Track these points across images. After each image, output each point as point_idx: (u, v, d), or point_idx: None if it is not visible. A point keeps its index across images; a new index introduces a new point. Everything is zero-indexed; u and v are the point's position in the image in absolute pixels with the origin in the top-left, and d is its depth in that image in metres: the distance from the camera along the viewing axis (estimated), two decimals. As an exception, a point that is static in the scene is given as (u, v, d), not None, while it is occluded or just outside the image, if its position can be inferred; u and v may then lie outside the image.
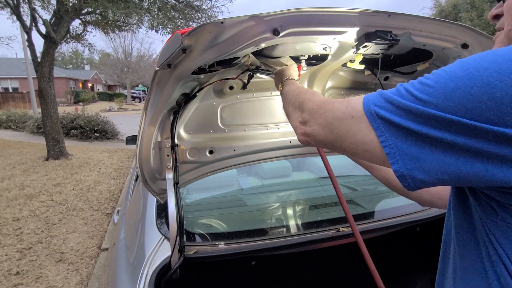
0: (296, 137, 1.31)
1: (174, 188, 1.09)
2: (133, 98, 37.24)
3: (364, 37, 0.89)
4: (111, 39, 26.98)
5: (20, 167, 5.98)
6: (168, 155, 1.12)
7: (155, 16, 6.82)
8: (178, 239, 1.03)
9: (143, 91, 41.22)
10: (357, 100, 0.50)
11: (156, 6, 6.75)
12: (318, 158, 2.07)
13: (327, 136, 0.54)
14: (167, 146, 1.11)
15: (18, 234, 3.26)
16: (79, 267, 2.70)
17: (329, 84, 1.30)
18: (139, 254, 1.15)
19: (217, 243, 1.20)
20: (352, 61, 1.10)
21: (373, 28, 0.87)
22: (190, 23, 7.47)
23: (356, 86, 1.34)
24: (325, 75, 1.24)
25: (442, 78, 0.41)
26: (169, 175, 1.12)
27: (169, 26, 7.05)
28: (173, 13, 6.99)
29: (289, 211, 1.53)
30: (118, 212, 2.10)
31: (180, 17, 7.26)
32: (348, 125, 0.50)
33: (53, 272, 2.63)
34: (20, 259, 2.79)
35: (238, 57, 1.00)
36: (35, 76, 6.24)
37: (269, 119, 1.29)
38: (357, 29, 0.87)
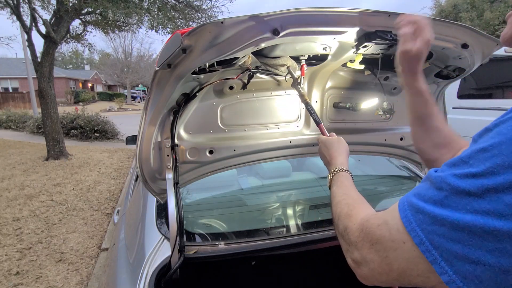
0: (296, 137, 1.32)
1: (174, 188, 1.09)
2: (133, 98, 37.25)
3: (364, 37, 0.89)
4: (111, 39, 26.98)
5: (20, 167, 5.98)
6: (168, 155, 1.11)
7: (155, 16, 6.82)
8: (178, 239, 1.03)
9: (143, 91, 41.22)
10: (396, 219, 0.45)
11: (156, 6, 6.75)
12: (318, 158, 2.06)
13: (389, 275, 0.47)
14: (167, 146, 1.10)
15: (18, 234, 3.26)
16: (79, 267, 2.70)
17: (329, 84, 1.30)
18: (139, 254, 1.15)
19: (217, 243, 1.20)
20: (352, 61, 1.10)
21: (373, 28, 0.87)
22: (190, 23, 7.46)
23: (356, 86, 1.34)
24: (325, 75, 1.24)
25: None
26: (169, 175, 1.11)
27: (169, 26, 7.05)
28: (173, 13, 6.99)
29: (289, 211, 1.53)
30: (118, 212, 2.10)
31: (180, 17, 7.27)
32: (403, 254, 0.44)
33: (53, 272, 2.63)
34: (20, 259, 2.79)
35: (238, 57, 1.00)
36: (35, 76, 6.24)
37: (269, 119, 1.29)
38: (357, 29, 0.86)
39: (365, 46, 0.92)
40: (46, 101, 6.21)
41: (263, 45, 0.84)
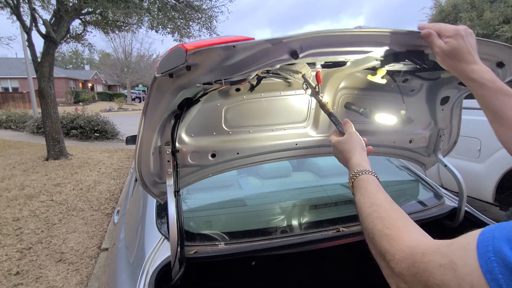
0: (302, 139, 1.29)
1: (175, 196, 1.04)
2: (133, 98, 37.26)
3: (392, 57, 0.81)
4: (111, 39, 27.04)
5: (20, 167, 5.98)
6: (168, 161, 1.06)
7: (155, 16, 6.82)
8: (178, 250, 1.00)
9: (143, 91, 41.29)
10: (472, 267, 0.33)
11: (156, 6, 6.75)
12: (318, 158, 2.07)
13: None
14: (167, 152, 1.05)
15: (18, 234, 3.26)
16: (79, 267, 2.70)
17: (342, 84, 1.23)
18: (139, 254, 1.15)
19: (217, 243, 1.20)
20: (373, 72, 1.03)
21: (403, 47, 0.79)
22: (190, 23, 7.46)
23: (371, 87, 1.27)
24: (340, 76, 1.18)
25: None
26: (170, 182, 1.06)
27: (169, 26, 7.05)
28: (173, 13, 6.99)
29: (289, 211, 1.53)
30: (118, 212, 2.10)
31: (180, 17, 7.26)
32: None
33: (53, 272, 2.63)
34: (20, 259, 2.79)
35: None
36: (35, 76, 6.24)
37: (276, 120, 1.23)
38: (385, 48, 0.80)
39: (392, 65, 0.85)
40: (46, 101, 6.21)
41: (278, 66, 0.76)
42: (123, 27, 7.68)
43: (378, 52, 0.82)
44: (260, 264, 1.49)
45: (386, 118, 1.20)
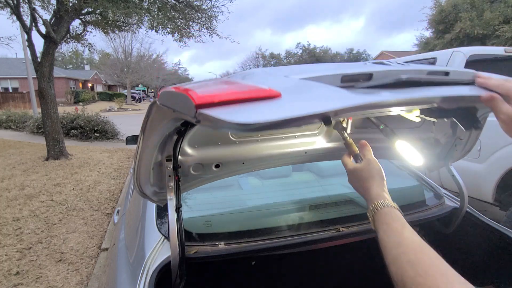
0: (312, 147, 1.24)
1: (176, 212, 0.99)
2: (133, 98, 37.28)
3: (437, 113, 0.70)
4: (111, 39, 27.01)
5: (20, 167, 5.98)
6: (169, 175, 1.00)
7: (155, 16, 6.82)
8: (181, 255, 0.99)
9: (143, 91, 41.36)
10: None
11: (156, 6, 6.76)
12: (318, 158, 2.07)
13: None
14: (168, 168, 0.99)
15: (18, 234, 3.26)
16: (79, 267, 2.70)
17: None
18: (139, 254, 1.15)
19: (217, 243, 1.19)
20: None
21: (453, 104, 0.68)
22: (190, 23, 7.46)
23: None
24: None
25: None
26: (171, 196, 1.01)
27: (169, 26, 7.05)
28: (173, 13, 6.99)
29: (289, 211, 1.53)
30: (118, 212, 2.10)
31: (180, 17, 7.27)
32: None
33: (53, 272, 2.63)
34: (20, 259, 2.79)
35: None
36: (35, 76, 6.24)
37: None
38: (432, 105, 0.71)
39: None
40: (46, 101, 6.21)
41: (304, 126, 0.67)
42: (123, 27, 7.68)
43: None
44: (260, 264, 1.49)
45: (409, 153, 0.99)
